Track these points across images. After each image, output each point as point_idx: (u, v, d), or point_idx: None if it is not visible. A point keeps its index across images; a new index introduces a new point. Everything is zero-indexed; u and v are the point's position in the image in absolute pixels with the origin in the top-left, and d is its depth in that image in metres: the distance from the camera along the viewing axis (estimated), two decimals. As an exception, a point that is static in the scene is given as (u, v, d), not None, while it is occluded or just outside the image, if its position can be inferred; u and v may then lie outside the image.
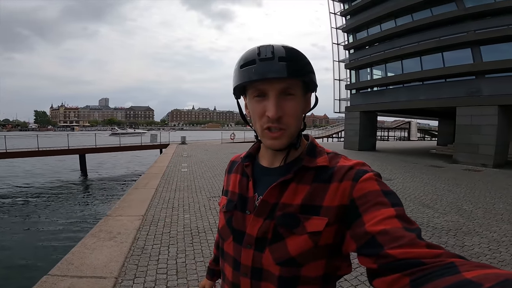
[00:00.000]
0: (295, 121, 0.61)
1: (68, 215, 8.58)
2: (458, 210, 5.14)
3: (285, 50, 0.58)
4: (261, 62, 0.57)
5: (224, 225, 0.71)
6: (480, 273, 0.34)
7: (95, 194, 11.66)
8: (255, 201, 0.65)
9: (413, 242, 0.43)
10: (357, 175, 0.56)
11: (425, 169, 10.21)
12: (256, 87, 0.59)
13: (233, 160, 0.81)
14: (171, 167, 9.62)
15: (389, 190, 0.54)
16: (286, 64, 0.56)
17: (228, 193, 0.74)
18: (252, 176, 0.69)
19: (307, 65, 0.60)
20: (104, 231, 3.62)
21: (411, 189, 6.77)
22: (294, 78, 0.58)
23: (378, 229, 0.47)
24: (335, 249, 0.58)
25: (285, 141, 0.61)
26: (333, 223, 0.56)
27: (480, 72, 11.65)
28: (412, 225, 0.48)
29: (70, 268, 2.59)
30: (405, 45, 14.76)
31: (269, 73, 0.56)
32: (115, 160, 21.17)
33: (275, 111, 0.57)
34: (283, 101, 0.58)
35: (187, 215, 4.57)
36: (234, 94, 0.66)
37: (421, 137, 42.99)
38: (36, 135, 15.84)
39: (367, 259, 0.47)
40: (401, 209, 0.50)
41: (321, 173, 0.60)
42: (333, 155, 0.64)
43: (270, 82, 0.57)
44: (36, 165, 17.90)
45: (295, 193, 0.60)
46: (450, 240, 3.72)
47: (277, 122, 0.58)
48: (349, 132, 18.36)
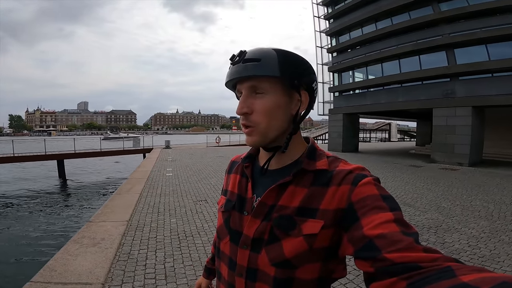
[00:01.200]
0: (266, 119, 0.60)
1: (48, 222, 8.20)
2: (438, 208, 5.31)
3: (256, 52, 0.60)
4: (232, 65, 0.62)
5: (221, 225, 0.71)
6: (476, 276, 0.34)
7: (75, 200, 11.22)
8: (253, 202, 0.65)
9: (410, 246, 0.43)
10: (356, 179, 0.56)
11: (405, 169, 10.55)
12: (235, 88, 0.65)
13: (233, 160, 0.82)
14: (156, 171, 9.43)
15: (387, 194, 0.54)
16: (250, 64, 0.59)
17: (227, 193, 0.74)
18: (252, 177, 0.69)
19: (280, 63, 0.58)
20: (87, 237, 3.50)
21: (392, 189, 6.97)
22: (258, 76, 0.59)
23: (376, 233, 0.47)
24: (330, 253, 0.58)
25: (256, 138, 0.61)
26: (330, 226, 0.56)
27: (454, 74, 12.19)
28: (410, 229, 0.48)
29: (53, 274, 2.49)
30: (385, 48, 15.26)
31: (234, 74, 0.61)
32: (96, 165, 20.48)
33: (238, 107, 0.61)
34: (251, 99, 0.61)
35: (174, 219, 4.50)
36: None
37: (401, 138, 44.42)
38: (11, 140, 15.06)
39: (364, 263, 0.47)
40: (399, 213, 0.50)
41: (320, 176, 0.60)
42: (333, 158, 0.64)
43: (241, 82, 0.62)
44: (12, 172, 17.03)
45: (293, 195, 0.60)
46: (431, 238, 3.82)
47: (245, 119, 0.61)
48: (333, 134, 18.71)
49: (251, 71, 0.59)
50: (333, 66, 18.95)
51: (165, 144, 20.68)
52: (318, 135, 37.81)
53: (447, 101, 12.28)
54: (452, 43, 12.19)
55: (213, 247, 0.90)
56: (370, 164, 11.68)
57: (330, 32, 19.03)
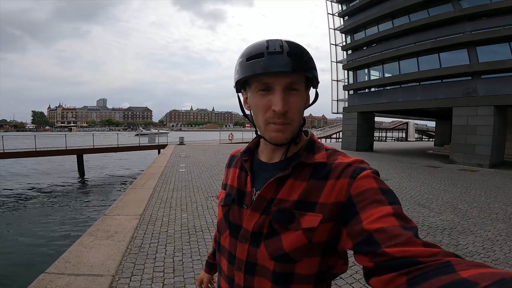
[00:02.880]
0: (299, 116, 0.62)
1: (66, 215, 8.56)
2: (454, 209, 5.16)
3: (292, 45, 0.59)
4: (270, 55, 0.57)
5: (221, 219, 0.71)
6: (476, 272, 0.34)
7: (92, 194, 11.64)
8: (253, 196, 0.65)
9: (410, 241, 0.43)
10: (355, 172, 0.56)
11: (421, 169, 10.26)
12: (261, 81, 0.59)
13: (233, 155, 0.81)
14: (169, 167, 9.62)
15: (386, 188, 0.54)
16: (293, 58, 0.57)
17: (226, 187, 0.74)
18: (251, 171, 0.69)
19: (310, 60, 0.60)
20: (102, 230, 3.63)
21: (407, 189, 6.81)
22: (299, 73, 0.58)
23: (375, 227, 0.47)
24: (329, 247, 0.58)
25: (288, 135, 0.61)
26: (328, 220, 0.56)
27: (476, 72, 11.71)
28: (409, 223, 0.47)
29: (67, 266, 2.60)
30: (402, 46, 14.84)
31: (278, 66, 0.56)
32: (113, 160, 21.11)
33: (282, 105, 0.57)
34: (288, 96, 0.59)
35: (185, 214, 4.59)
36: (235, 87, 0.66)
37: (418, 138, 43.18)
38: (33, 136, 15.74)
39: (364, 257, 0.47)
40: (398, 207, 0.50)
41: (319, 169, 0.60)
42: (331, 151, 0.64)
43: (277, 76, 0.57)
44: (34, 166, 17.82)
45: (292, 189, 0.60)
46: (445, 239, 3.74)
47: (283, 117, 0.58)
48: (347, 132, 18.42)
49: (300, 67, 0.57)
50: (348, 64, 18.61)
51: (179, 141, 21.00)
52: (332, 134, 37.33)
53: (468, 100, 11.82)
54: (473, 41, 11.69)
55: (213, 242, 0.91)
56: (384, 164, 11.44)
57: (345, 30, 18.68)
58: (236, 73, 0.63)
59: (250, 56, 0.59)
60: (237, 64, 0.62)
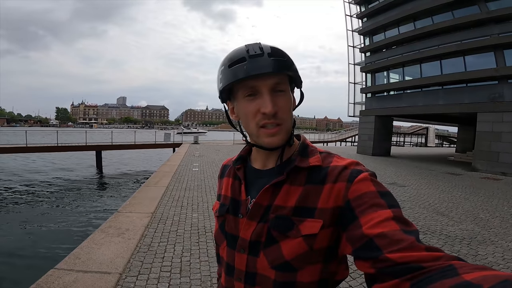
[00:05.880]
0: (289, 117, 0.61)
1: (82, 210, 8.83)
2: (474, 218, 4.96)
3: (272, 47, 0.58)
4: (252, 58, 0.56)
5: (217, 230, 0.70)
6: (479, 274, 0.34)
7: (108, 190, 11.96)
8: (248, 204, 0.64)
9: (412, 246, 0.42)
10: (352, 175, 0.55)
11: (441, 176, 9.88)
12: (247, 85, 0.58)
13: (224, 164, 0.81)
14: (183, 166, 9.73)
15: (385, 190, 0.53)
16: (274, 59, 0.57)
17: (221, 198, 0.73)
18: (244, 179, 0.68)
19: (290, 60, 0.60)
20: (113, 227, 3.68)
21: (425, 196, 6.57)
22: (283, 72, 0.58)
23: (375, 232, 0.46)
24: (330, 253, 0.57)
25: (283, 136, 0.60)
26: (329, 225, 0.55)
27: (503, 77, 11.15)
28: (410, 227, 0.47)
29: (77, 262, 2.64)
30: (425, 49, 14.34)
31: (262, 68, 0.55)
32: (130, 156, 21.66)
33: (271, 106, 0.56)
34: (276, 97, 0.58)
35: (195, 214, 4.60)
36: (220, 97, 0.64)
37: (439, 144, 41.71)
38: (56, 131, 16.39)
39: (365, 263, 0.46)
40: (398, 211, 0.49)
41: (314, 173, 0.59)
42: (326, 154, 0.63)
43: (262, 78, 0.57)
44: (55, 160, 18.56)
45: (288, 195, 0.59)
46: (463, 249, 3.60)
47: (274, 117, 0.57)
48: (363, 136, 18.01)
49: (282, 66, 0.58)
50: (366, 66, 18.18)
51: (193, 140, 21.30)
52: (347, 137, 36.68)
53: (493, 106, 11.26)
54: (501, 44, 11.14)
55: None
56: (402, 169, 11.08)
57: (364, 31, 18.25)
58: (219, 82, 0.61)
59: (232, 62, 0.58)
60: (219, 72, 0.61)
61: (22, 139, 14.44)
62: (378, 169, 11.04)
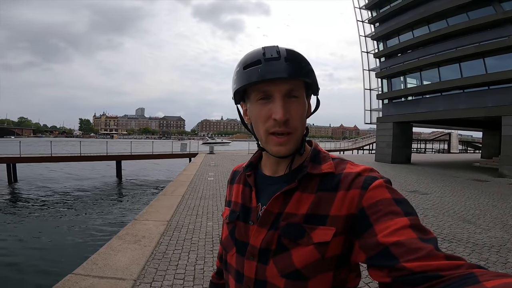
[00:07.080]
0: (301, 124, 0.59)
1: (101, 217, 9.08)
2: (503, 225, 4.72)
3: (289, 51, 0.57)
4: (267, 62, 0.55)
5: (227, 236, 0.69)
6: (501, 282, 0.33)
7: (127, 198, 12.25)
8: (259, 211, 0.63)
9: (431, 254, 0.41)
10: (366, 182, 0.53)
11: (466, 183, 9.44)
12: (260, 89, 0.57)
13: (235, 170, 0.80)
14: (199, 175, 9.84)
15: (401, 198, 0.51)
16: (291, 64, 0.55)
17: (231, 204, 0.72)
18: (255, 186, 0.67)
19: (308, 65, 0.59)
20: (130, 234, 3.76)
21: (450, 204, 6.29)
22: (298, 78, 0.57)
23: (392, 240, 0.44)
24: (342, 260, 0.55)
25: (291, 146, 0.58)
26: (341, 233, 0.53)
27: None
28: (428, 235, 0.45)
29: (94, 268, 2.70)
30: (442, 52, 14.01)
31: (276, 72, 0.54)
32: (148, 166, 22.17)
33: (282, 113, 0.55)
34: (288, 103, 0.56)
35: (210, 222, 4.61)
36: (234, 98, 0.64)
37: (463, 150, 40.05)
38: (79, 141, 17.18)
39: (380, 272, 0.44)
40: (415, 218, 0.47)
41: (327, 180, 0.57)
42: (338, 160, 0.61)
43: (276, 83, 0.55)
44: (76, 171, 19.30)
45: (300, 202, 0.58)
46: (492, 257, 3.44)
47: (284, 125, 0.56)
48: (381, 144, 17.57)
49: (298, 72, 0.56)
50: (381, 72, 17.89)
51: (209, 150, 21.57)
52: (364, 145, 35.93)
53: (520, 109, 10.75)
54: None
55: (218, 261, 0.88)
56: (424, 177, 10.68)
57: (377, 37, 18.07)
58: (233, 83, 0.60)
59: (247, 64, 0.57)
60: (234, 74, 0.60)
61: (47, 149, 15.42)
62: (398, 177, 10.69)
